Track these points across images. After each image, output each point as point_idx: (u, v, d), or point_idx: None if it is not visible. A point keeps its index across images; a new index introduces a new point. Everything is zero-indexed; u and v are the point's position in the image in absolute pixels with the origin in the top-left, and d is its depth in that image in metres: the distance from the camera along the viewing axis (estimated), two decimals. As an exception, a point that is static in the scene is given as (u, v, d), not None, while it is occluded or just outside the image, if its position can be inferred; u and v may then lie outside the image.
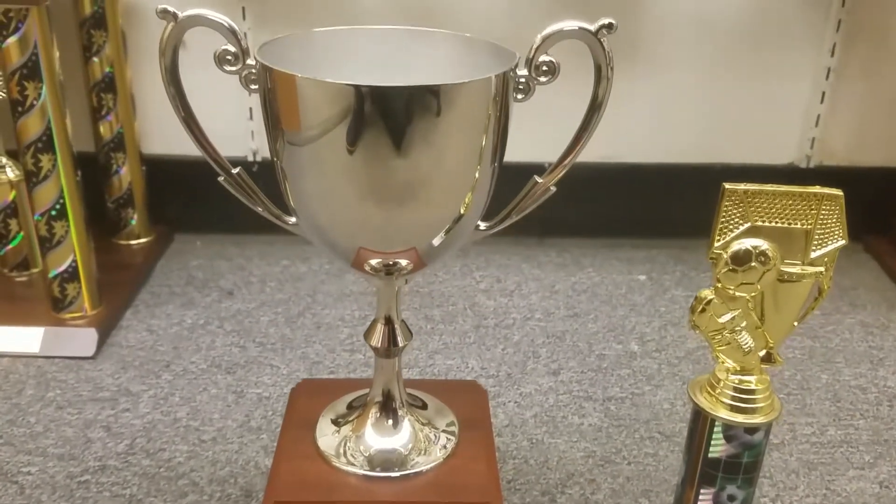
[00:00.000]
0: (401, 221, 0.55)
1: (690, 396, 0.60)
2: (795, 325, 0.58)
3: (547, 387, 0.96)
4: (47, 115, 0.93)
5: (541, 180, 0.59)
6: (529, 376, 0.98)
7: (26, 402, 0.91)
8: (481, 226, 0.61)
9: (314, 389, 0.72)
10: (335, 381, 0.89)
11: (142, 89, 1.19)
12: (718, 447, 0.59)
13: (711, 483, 0.61)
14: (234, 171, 0.59)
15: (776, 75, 1.23)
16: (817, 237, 0.55)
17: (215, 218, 1.26)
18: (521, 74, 0.54)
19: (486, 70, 0.52)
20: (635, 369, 1.00)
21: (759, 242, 0.55)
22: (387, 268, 0.59)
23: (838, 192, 0.54)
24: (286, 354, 1.01)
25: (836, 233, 0.55)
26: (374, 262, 0.58)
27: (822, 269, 0.56)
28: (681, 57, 1.22)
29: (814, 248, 0.55)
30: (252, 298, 1.13)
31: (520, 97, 0.55)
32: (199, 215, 1.28)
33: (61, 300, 1.01)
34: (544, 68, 0.54)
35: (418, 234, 0.57)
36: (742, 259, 0.55)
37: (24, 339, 1.00)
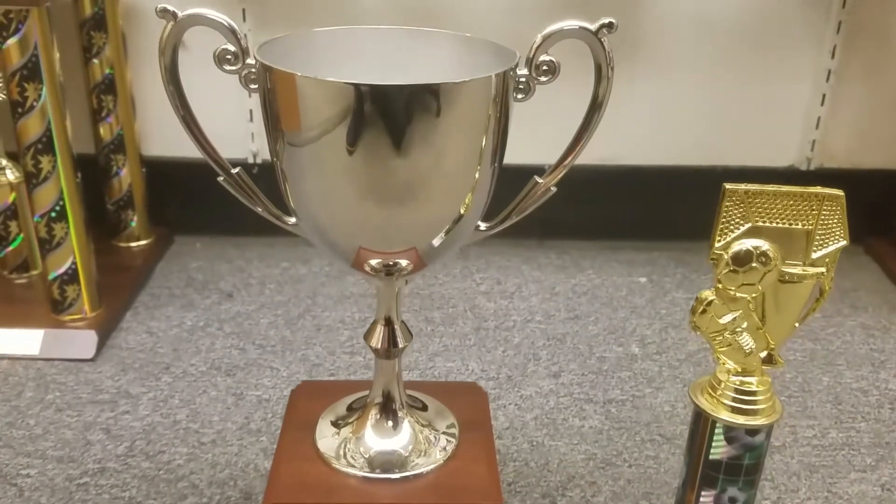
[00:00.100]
0: (401, 221, 0.55)
1: (691, 398, 0.60)
2: (797, 326, 0.58)
3: (547, 389, 0.96)
4: (47, 117, 0.93)
5: (541, 181, 0.59)
6: (530, 378, 0.97)
7: (25, 405, 0.90)
8: (481, 226, 0.61)
9: (314, 391, 0.72)
10: (335, 383, 0.89)
11: (142, 91, 1.19)
12: (719, 449, 0.59)
13: (712, 485, 0.60)
14: (234, 171, 0.59)
15: (776, 77, 1.23)
16: (818, 238, 0.55)
17: (215, 220, 1.26)
18: (521, 74, 0.54)
19: (486, 70, 0.52)
20: (636, 372, 0.99)
21: (760, 243, 0.55)
22: (387, 268, 0.58)
23: (839, 192, 0.54)
24: (286, 357, 1.01)
25: (838, 233, 0.55)
26: (374, 262, 0.58)
27: (823, 269, 0.56)
28: (681, 58, 1.22)
29: (815, 248, 0.55)
30: (252, 300, 1.13)
31: (520, 97, 0.55)
32: (199, 217, 1.27)
33: (61, 302, 1.01)
34: (544, 68, 0.54)
35: (418, 235, 0.56)
36: (743, 260, 0.55)
37: (24, 340, 0.99)
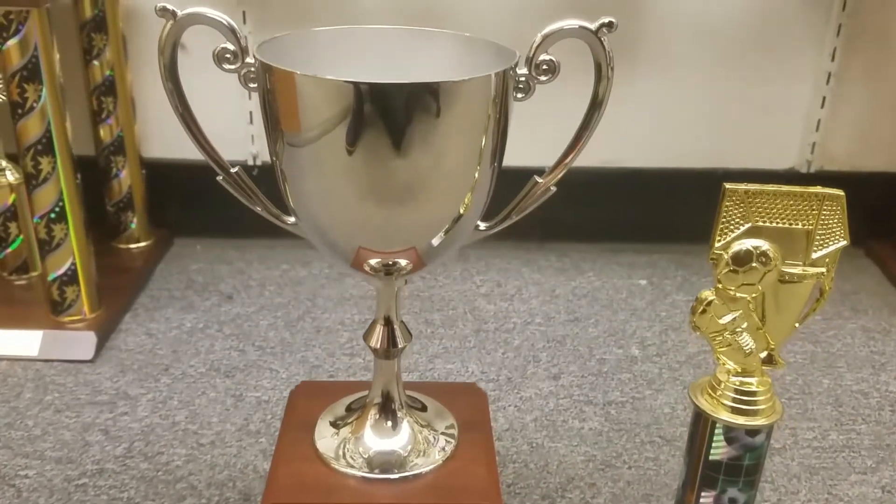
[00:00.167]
0: (400, 221, 0.55)
1: (691, 398, 0.60)
2: (797, 326, 0.58)
3: (547, 391, 0.95)
4: (47, 118, 0.93)
5: (541, 180, 0.59)
6: (530, 380, 0.97)
7: (24, 406, 0.90)
8: (481, 226, 0.61)
9: (313, 392, 0.72)
10: (334, 384, 0.89)
11: (142, 93, 1.19)
12: (719, 449, 0.59)
13: (712, 486, 0.60)
14: (233, 170, 0.59)
15: (777, 79, 1.23)
16: (818, 238, 0.55)
17: (215, 222, 1.26)
18: (521, 73, 0.54)
19: (486, 69, 0.52)
20: (636, 374, 0.99)
21: (760, 243, 0.55)
22: (386, 268, 0.58)
23: (839, 192, 0.54)
24: (285, 358, 1.00)
25: (838, 233, 0.55)
26: (373, 261, 0.58)
27: (823, 269, 0.55)
28: (681, 61, 1.22)
29: (815, 248, 0.55)
30: (251, 302, 1.13)
31: (520, 96, 0.55)
32: (199, 219, 1.27)
33: (60, 303, 1.01)
34: (544, 67, 0.54)
35: (418, 234, 0.56)
36: (743, 259, 0.55)
37: (23, 342, 0.99)
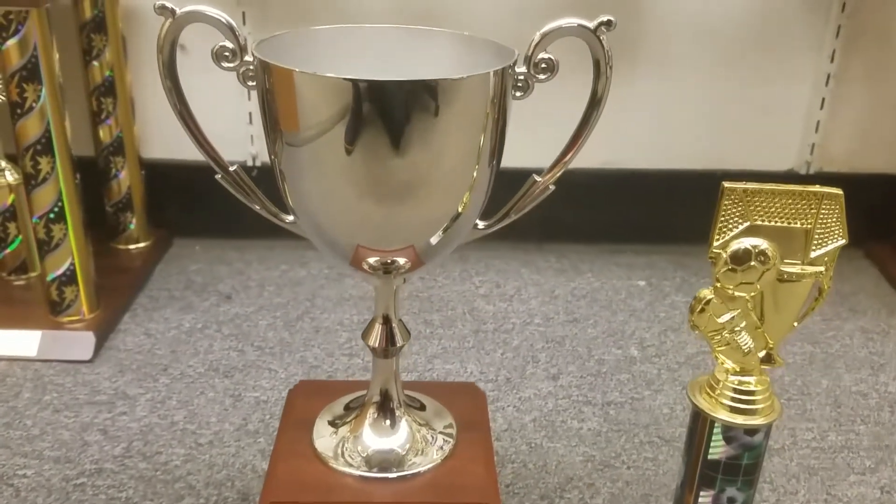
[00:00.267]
0: (399, 219, 0.55)
1: (690, 397, 0.60)
2: (795, 325, 0.58)
3: (546, 391, 0.95)
4: (46, 118, 0.93)
5: (539, 179, 0.59)
6: (528, 381, 0.97)
7: (23, 406, 0.90)
8: (479, 224, 0.61)
9: (312, 391, 0.72)
10: (333, 383, 0.89)
11: (141, 93, 1.19)
12: (718, 449, 0.59)
13: (711, 485, 0.60)
14: (232, 169, 0.59)
15: (776, 80, 1.23)
16: (817, 236, 0.55)
17: (214, 222, 1.26)
18: (519, 72, 0.54)
19: (486, 68, 0.52)
20: (635, 374, 0.99)
21: (759, 242, 0.55)
22: (385, 266, 0.58)
23: (838, 191, 0.54)
24: (284, 358, 1.00)
25: (836, 232, 0.55)
26: (372, 260, 0.58)
27: (822, 268, 0.55)
28: (681, 61, 1.22)
29: (814, 247, 0.55)
30: (250, 302, 1.13)
31: (518, 94, 0.55)
32: (199, 219, 1.27)
33: (59, 303, 1.01)
34: (543, 65, 0.54)
35: (416, 232, 0.56)
36: (741, 258, 0.55)
37: (22, 342, 0.99)
